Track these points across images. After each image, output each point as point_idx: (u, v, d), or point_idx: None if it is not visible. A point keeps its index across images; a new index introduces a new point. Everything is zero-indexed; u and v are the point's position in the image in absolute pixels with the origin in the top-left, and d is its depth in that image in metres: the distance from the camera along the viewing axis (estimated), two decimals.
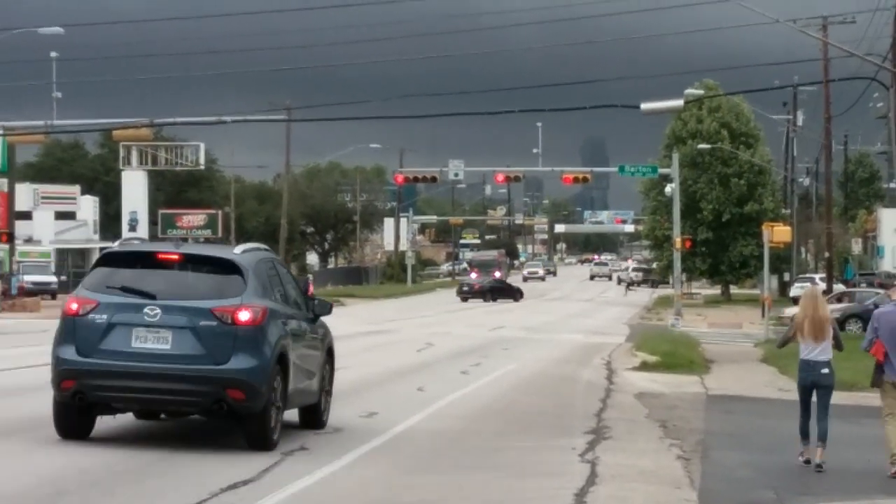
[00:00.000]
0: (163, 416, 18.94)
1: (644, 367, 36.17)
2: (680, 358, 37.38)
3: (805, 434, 18.04)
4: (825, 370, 17.90)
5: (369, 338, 47.79)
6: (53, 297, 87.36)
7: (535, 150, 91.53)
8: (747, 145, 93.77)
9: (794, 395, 19.20)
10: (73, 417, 17.64)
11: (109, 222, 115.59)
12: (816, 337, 17.77)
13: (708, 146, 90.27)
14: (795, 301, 59.31)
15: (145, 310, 17.03)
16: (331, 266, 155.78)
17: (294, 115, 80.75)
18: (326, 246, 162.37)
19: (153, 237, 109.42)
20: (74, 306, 17.40)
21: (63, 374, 17.21)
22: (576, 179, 79.14)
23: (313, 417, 19.83)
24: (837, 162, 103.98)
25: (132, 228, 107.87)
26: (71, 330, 17.34)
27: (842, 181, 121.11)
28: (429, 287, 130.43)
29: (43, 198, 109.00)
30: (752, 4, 43.17)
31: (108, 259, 18.22)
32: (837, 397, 19.96)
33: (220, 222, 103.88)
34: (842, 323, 48.56)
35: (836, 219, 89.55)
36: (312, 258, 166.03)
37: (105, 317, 17.14)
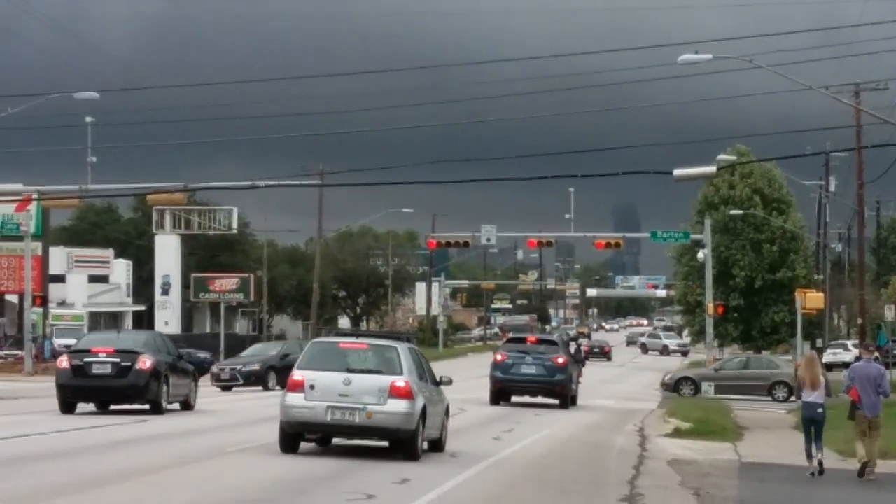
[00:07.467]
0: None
1: (677, 433, 36.08)
2: (712, 425, 37.34)
3: (810, 455, 25.06)
4: (820, 410, 25.17)
5: None
6: None
7: (567, 216, 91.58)
8: (780, 211, 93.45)
9: (830, 464, 25.90)
10: (498, 397, 45.93)
11: (142, 286, 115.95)
12: (813, 386, 25.19)
13: (740, 212, 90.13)
14: (828, 368, 59.25)
15: (526, 358, 45.60)
16: (363, 330, 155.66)
17: (327, 179, 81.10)
18: (358, 310, 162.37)
19: (185, 301, 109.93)
20: (499, 357, 46.21)
21: (495, 382, 45.82)
22: (608, 245, 79.31)
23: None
24: (870, 228, 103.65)
25: (165, 292, 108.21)
26: (498, 365, 45.91)
27: (874, 247, 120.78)
28: (460, 352, 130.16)
29: (76, 261, 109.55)
30: (784, 71, 43.33)
31: (510, 340, 52.29)
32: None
33: (252, 286, 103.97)
34: None
35: (869, 285, 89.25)
36: (344, 322, 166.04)
37: (511, 361, 45.75)
